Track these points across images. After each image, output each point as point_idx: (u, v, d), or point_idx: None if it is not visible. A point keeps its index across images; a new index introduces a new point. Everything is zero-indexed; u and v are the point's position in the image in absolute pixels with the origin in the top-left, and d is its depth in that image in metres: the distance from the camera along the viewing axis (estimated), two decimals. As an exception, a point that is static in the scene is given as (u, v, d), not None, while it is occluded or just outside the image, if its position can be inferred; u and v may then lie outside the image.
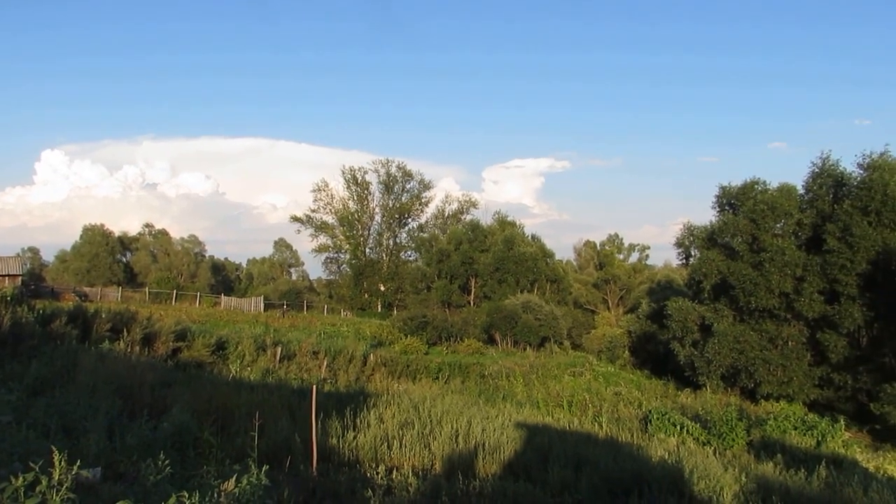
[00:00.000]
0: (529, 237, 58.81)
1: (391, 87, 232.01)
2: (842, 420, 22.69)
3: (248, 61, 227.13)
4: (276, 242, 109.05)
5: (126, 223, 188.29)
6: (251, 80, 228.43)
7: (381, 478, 9.48)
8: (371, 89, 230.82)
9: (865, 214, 29.43)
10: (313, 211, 72.67)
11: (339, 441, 11.09)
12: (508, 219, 62.13)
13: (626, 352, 45.82)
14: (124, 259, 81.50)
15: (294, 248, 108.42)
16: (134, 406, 10.71)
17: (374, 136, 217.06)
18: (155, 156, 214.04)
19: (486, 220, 63.14)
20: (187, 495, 5.33)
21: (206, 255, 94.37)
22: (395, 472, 9.69)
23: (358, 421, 12.12)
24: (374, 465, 10.13)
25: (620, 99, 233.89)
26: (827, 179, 32.94)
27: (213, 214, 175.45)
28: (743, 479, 10.06)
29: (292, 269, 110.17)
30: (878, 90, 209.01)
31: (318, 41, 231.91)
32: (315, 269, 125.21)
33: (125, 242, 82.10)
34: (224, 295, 58.52)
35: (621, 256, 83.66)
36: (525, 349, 41.99)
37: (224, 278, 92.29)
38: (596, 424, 20.08)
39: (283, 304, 57.98)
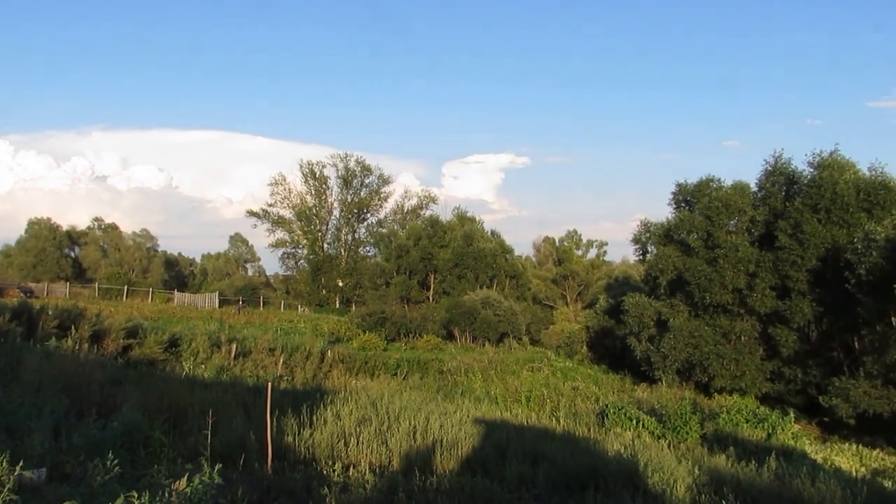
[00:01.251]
0: (489, 233, 58.96)
1: (350, 80, 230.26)
2: (791, 413, 23.28)
3: (201, 52, 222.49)
4: (231, 237, 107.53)
5: (74, 217, 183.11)
6: (205, 71, 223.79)
7: (338, 475, 9.39)
8: (329, 83, 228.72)
9: (815, 212, 30.22)
10: (270, 205, 71.74)
11: (295, 439, 10.93)
12: (468, 214, 62.22)
13: (584, 347, 46.33)
14: (73, 254, 79.33)
15: (250, 244, 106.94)
16: (82, 405, 10.38)
17: (332, 130, 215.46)
18: (105, 147, 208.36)
19: (446, 215, 63.17)
20: (136, 495, 5.17)
21: (159, 249, 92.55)
22: (351, 469, 9.62)
23: (315, 418, 11.97)
24: (330, 463, 10.01)
25: (581, 97, 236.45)
26: (779, 178, 33.75)
27: (166, 208, 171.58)
28: (696, 471, 10.20)
29: (248, 265, 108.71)
30: (828, 92, 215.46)
31: (272, 32, 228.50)
32: (272, 264, 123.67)
33: (73, 237, 79.86)
34: (177, 291, 57.35)
35: (580, 252, 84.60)
36: (484, 345, 42.13)
37: (178, 274, 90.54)
38: (553, 419, 20.23)
39: (239, 301, 57.07)
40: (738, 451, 15.19)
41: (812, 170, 32.07)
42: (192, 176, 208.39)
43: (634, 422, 19.09)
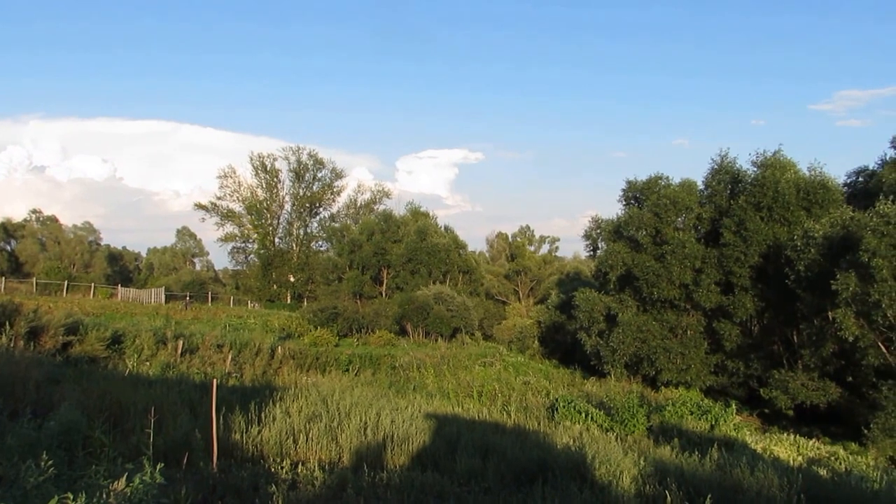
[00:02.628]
0: (442, 228, 58.95)
1: (301, 73, 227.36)
2: (733, 405, 23.91)
3: (147, 39, 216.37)
4: (178, 231, 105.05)
5: (10, 209, 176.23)
6: (151, 58, 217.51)
7: (286, 473, 9.30)
8: (280, 75, 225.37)
9: (758, 210, 31.05)
10: (219, 198, 70.44)
11: (242, 436, 10.77)
12: (422, 209, 62.08)
13: (536, 342, 46.79)
14: (8, 247, 76.30)
15: (198, 237, 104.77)
16: (16, 405, 10.02)
17: (283, 122, 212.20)
18: (43, 137, 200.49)
19: (400, 210, 62.96)
20: (72, 497, 5.02)
21: (102, 243, 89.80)
22: (300, 466, 9.52)
23: (263, 415, 11.81)
24: (279, 460, 9.92)
25: (534, 93, 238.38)
26: (724, 176, 34.55)
27: (109, 201, 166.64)
28: (641, 462, 10.41)
29: (196, 259, 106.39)
30: (771, 92, 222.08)
31: (220, 23, 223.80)
32: (221, 259, 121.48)
33: (9, 229, 76.76)
34: (121, 286, 55.75)
35: (532, 248, 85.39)
36: (437, 340, 42.17)
37: (122, 268, 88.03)
38: (504, 413, 20.37)
39: (186, 296, 55.91)
40: (683, 442, 15.56)
41: (755, 169, 32.89)
42: (138, 167, 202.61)
43: (583, 415, 19.36)
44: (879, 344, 23.17)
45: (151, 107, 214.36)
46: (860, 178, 34.31)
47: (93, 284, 52.84)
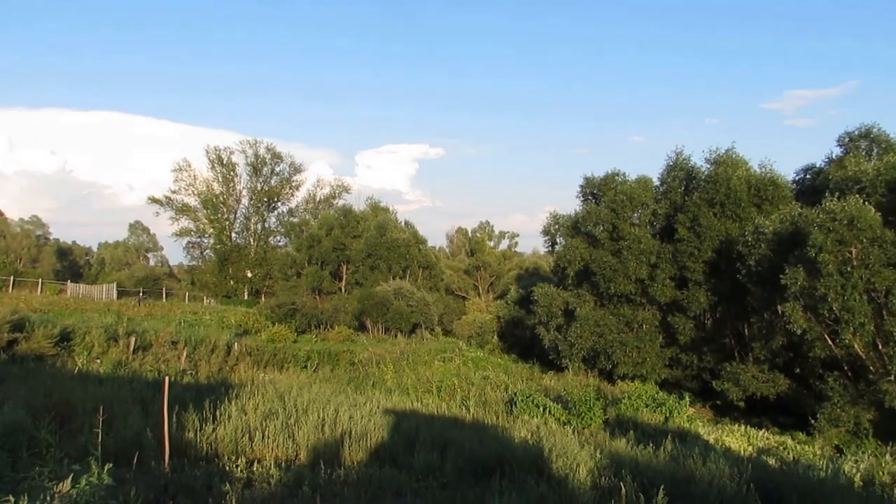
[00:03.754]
0: (402, 223, 58.74)
1: (259, 66, 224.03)
2: (687, 397, 24.39)
3: (99, 27, 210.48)
4: (131, 225, 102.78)
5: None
6: (104, 49, 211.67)
7: (241, 471, 9.20)
8: (237, 67, 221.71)
9: (711, 206, 31.65)
10: (174, 192, 68.76)
11: (196, 435, 10.60)
12: (381, 204, 61.70)
13: (495, 337, 47.03)
14: (-51, 242, 73.66)
15: (152, 232, 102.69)
16: (-44, 405, 9.66)
17: (240, 115, 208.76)
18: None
19: (359, 205, 62.44)
20: (13, 499, 4.85)
21: (51, 238, 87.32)
22: (256, 464, 9.43)
23: (218, 413, 11.63)
24: (234, 459, 9.80)
25: (494, 89, 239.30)
26: (679, 173, 35.12)
27: (58, 194, 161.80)
28: (598, 455, 10.55)
29: (150, 255, 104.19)
30: (724, 91, 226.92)
31: (175, 12, 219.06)
32: (176, 254, 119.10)
33: (-50, 223, 74.19)
34: (71, 282, 54.16)
35: (492, 243, 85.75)
36: (396, 336, 42.07)
37: (71, 264, 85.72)
38: (463, 408, 20.44)
39: (140, 292, 54.65)
40: (638, 434, 15.82)
41: (709, 166, 33.46)
42: (89, 160, 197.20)
43: (541, 409, 19.54)
44: (825, 336, 23.87)
45: (103, 97, 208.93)
46: (808, 176, 35.26)
47: (40, 280, 51.17)
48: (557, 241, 40.41)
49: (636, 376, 32.23)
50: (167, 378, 10.99)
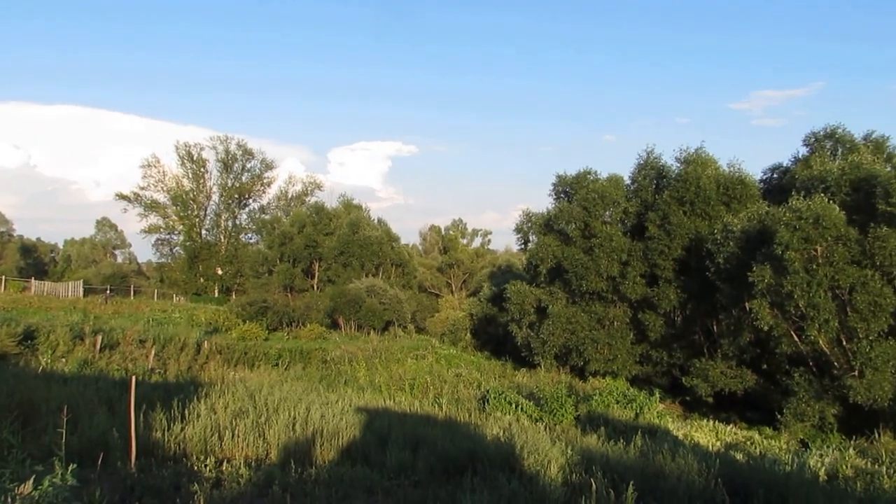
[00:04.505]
0: (375, 221, 58.57)
1: (230, 60, 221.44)
2: (657, 393, 24.68)
3: (65, 20, 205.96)
4: (98, 222, 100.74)
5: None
6: (70, 42, 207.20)
7: (210, 471, 9.07)
8: (208, 61, 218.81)
9: (681, 204, 32.02)
10: (142, 188, 67.60)
11: (164, 434, 10.43)
12: (354, 202, 61.44)
13: (468, 334, 47.11)
14: None
15: (120, 229, 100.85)
16: (-86, 406, 9.40)
17: (211, 111, 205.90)
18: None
19: (332, 202, 62.07)
20: (-29, 502, 4.71)
21: (14, 234, 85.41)
22: (225, 464, 9.31)
23: (187, 412, 11.45)
24: (203, 458, 9.65)
25: (467, 87, 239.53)
26: (650, 171, 35.50)
27: (22, 189, 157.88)
28: (569, 451, 10.60)
29: (118, 252, 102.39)
30: (694, 91, 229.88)
31: (141, 4, 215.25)
32: (144, 251, 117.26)
33: None
34: (35, 279, 53.14)
35: (465, 241, 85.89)
36: (369, 333, 41.94)
37: (36, 261, 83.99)
38: (436, 406, 20.43)
39: (107, 289, 53.71)
40: (609, 430, 15.96)
41: (679, 165, 33.85)
42: (54, 155, 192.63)
43: (514, 406, 19.62)
44: (792, 333, 24.31)
45: (68, 91, 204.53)
46: (775, 175, 35.85)
47: (3, 277, 50.07)
48: (530, 238, 40.58)
49: (607, 373, 32.50)
50: (133, 377, 10.80)
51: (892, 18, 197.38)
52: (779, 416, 24.47)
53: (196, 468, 9.17)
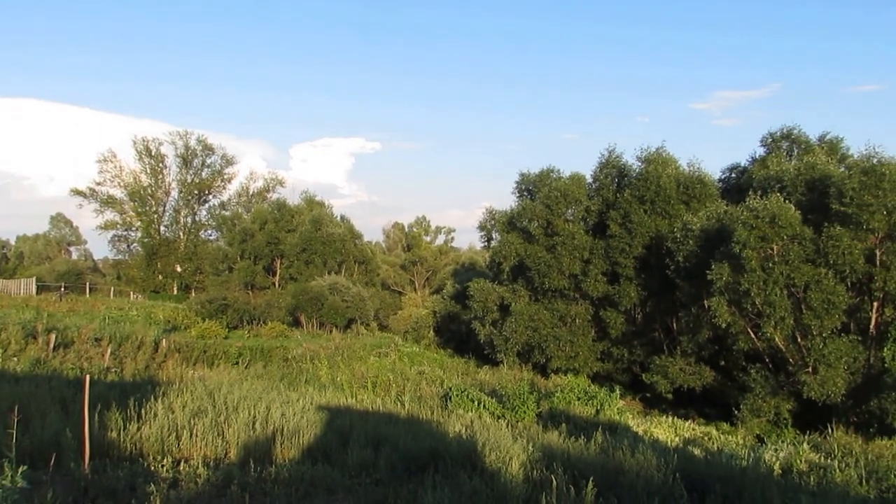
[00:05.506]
0: (338, 218, 58.18)
1: (190, 53, 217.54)
2: (617, 390, 25.02)
3: (11, 10, 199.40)
4: (52, 218, 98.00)
5: None
6: (18, 34, 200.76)
7: (167, 471, 8.94)
8: (166, 54, 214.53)
9: (642, 203, 32.48)
10: (98, 184, 65.88)
11: (120, 434, 10.24)
12: (317, 198, 60.90)
13: (431, 332, 47.16)
14: None
15: (75, 225, 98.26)
16: None
17: (169, 105, 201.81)
18: None
19: (294, 199, 61.46)
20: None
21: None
22: (183, 463, 9.19)
23: (144, 412, 11.24)
24: (159, 458, 9.49)
25: (431, 84, 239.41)
26: (612, 170, 35.94)
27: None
28: (530, 448, 10.66)
29: (72, 248, 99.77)
30: (654, 91, 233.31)
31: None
32: (101, 247, 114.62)
33: None
34: (-13, 276, 51.58)
35: (428, 238, 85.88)
36: (331, 331, 41.66)
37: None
38: (399, 404, 20.39)
39: (61, 287, 52.37)
40: (570, 427, 16.08)
41: (640, 164, 34.37)
42: (6, 149, 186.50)
43: (476, 403, 19.65)
44: (748, 330, 24.87)
45: (21, 84, 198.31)
46: (733, 174, 36.63)
47: (-48, 274, 48.49)
48: (493, 236, 40.80)
49: (569, 370, 32.81)
50: (88, 376, 10.54)
51: (845, 23, 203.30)
52: (736, 412, 25.00)
53: (153, 468, 9.05)
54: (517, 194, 38.96)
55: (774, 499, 8.75)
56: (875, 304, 23.93)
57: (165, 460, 9.24)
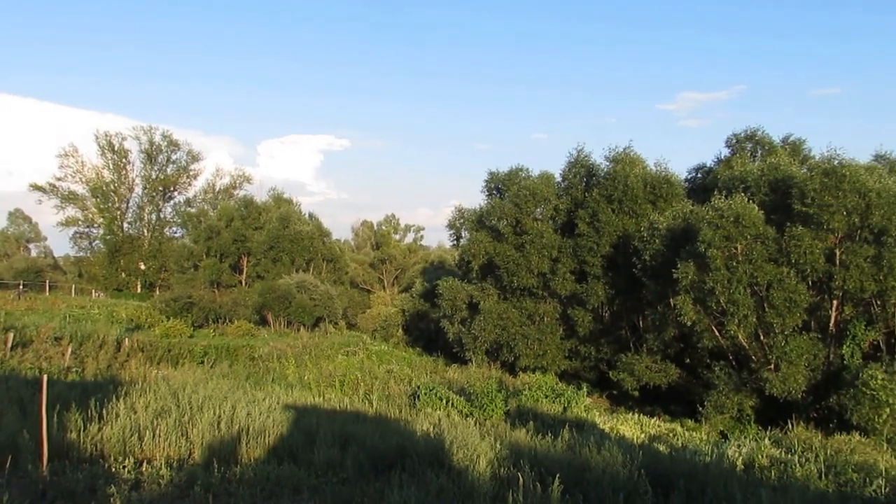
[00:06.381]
0: (307, 215, 57.75)
1: (155, 47, 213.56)
2: (585, 387, 25.23)
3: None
4: (10, 213, 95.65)
5: None
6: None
7: (129, 472, 8.80)
8: (130, 49, 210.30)
9: (610, 202, 32.74)
10: (59, 179, 64.61)
11: (80, 435, 10.03)
12: (285, 196, 60.44)
13: (400, 330, 47.06)
14: None
15: (34, 221, 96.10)
16: None
17: (133, 99, 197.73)
18: None
19: (261, 196, 60.94)
20: None
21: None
22: (145, 464, 9.04)
23: (105, 412, 11.01)
24: (121, 459, 9.33)
25: (400, 81, 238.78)
26: (580, 169, 36.18)
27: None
28: (498, 446, 10.69)
29: (32, 245, 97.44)
30: (622, 92, 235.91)
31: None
32: (61, 244, 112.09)
33: None
34: (-58, 273, 50.10)
35: (397, 237, 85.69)
36: (299, 330, 41.32)
37: (-58, 255, 79.11)
38: (366, 402, 20.32)
39: (19, 284, 51.13)
40: (538, 424, 16.18)
41: (608, 163, 34.60)
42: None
43: (444, 402, 19.66)
44: (713, 328, 25.24)
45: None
46: (699, 175, 37.16)
47: None
48: (462, 235, 40.78)
49: (537, 368, 32.95)
50: (46, 376, 10.29)
51: (808, 27, 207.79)
52: (700, 409, 25.36)
53: (114, 470, 8.92)
54: (486, 193, 39.03)
55: (736, 494, 8.90)
56: (835, 302, 24.47)
57: (127, 461, 9.09)
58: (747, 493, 9.14)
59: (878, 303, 23.56)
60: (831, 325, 24.54)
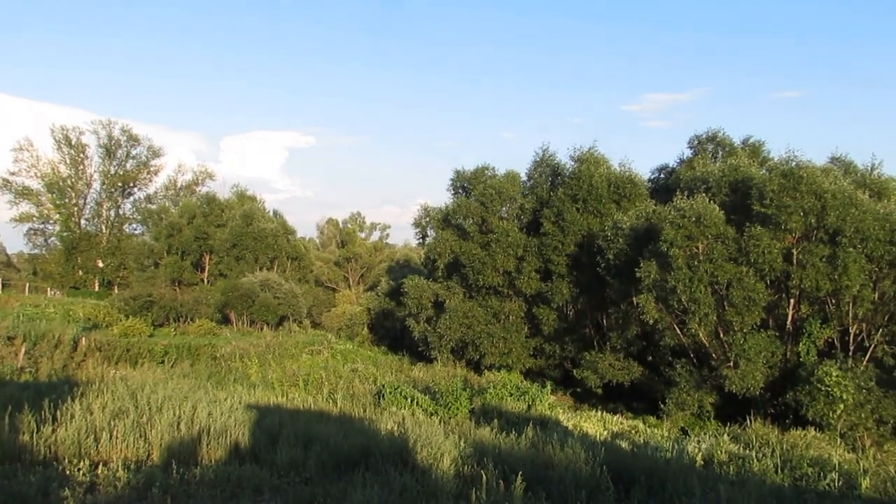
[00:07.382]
0: (271, 213, 57.13)
1: (114, 38, 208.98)
2: (549, 385, 25.38)
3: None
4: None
5: None
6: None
7: (84, 474, 8.57)
8: (89, 40, 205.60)
9: (575, 202, 33.00)
10: (13, 173, 62.84)
11: (33, 437, 9.72)
12: (248, 193, 59.71)
13: (365, 329, 46.83)
14: None
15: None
16: None
17: (92, 92, 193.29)
18: None
19: (224, 193, 60.02)
20: None
21: None
22: (101, 466, 8.83)
23: (59, 413, 10.71)
24: (76, 462, 9.08)
25: (366, 78, 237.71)
26: (546, 169, 36.42)
27: None
28: (462, 444, 10.69)
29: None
30: (588, 92, 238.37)
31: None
32: (15, 241, 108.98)
33: None
34: None
35: (363, 235, 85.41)
36: (262, 329, 40.88)
37: None
38: (331, 402, 20.17)
39: (-28, 283, 49.63)
40: (502, 422, 16.23)
41: (573, 163, 34.88)
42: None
43: (409, 400, 19.61)
44: (675, 326, 25.64)
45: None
46: (662, 175, 37.67)
47: None
48: (428, 233, 40.72)
49: (502, 366, 33.07)
50: (-3, 376, 10.00)
51: (770, 30, 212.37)
52: (662, 406, 25.73)
53: (68, 472, 8.68)
54: (452, 191, 39.01)
55: (696, 488, 9.02)
56: (792, 301, 25.04)
57: (82, 464, 8.87)
58: (706, 488, 9.27)
59: (833, 301, 24.15)
60: (788, 323, 25.11)
